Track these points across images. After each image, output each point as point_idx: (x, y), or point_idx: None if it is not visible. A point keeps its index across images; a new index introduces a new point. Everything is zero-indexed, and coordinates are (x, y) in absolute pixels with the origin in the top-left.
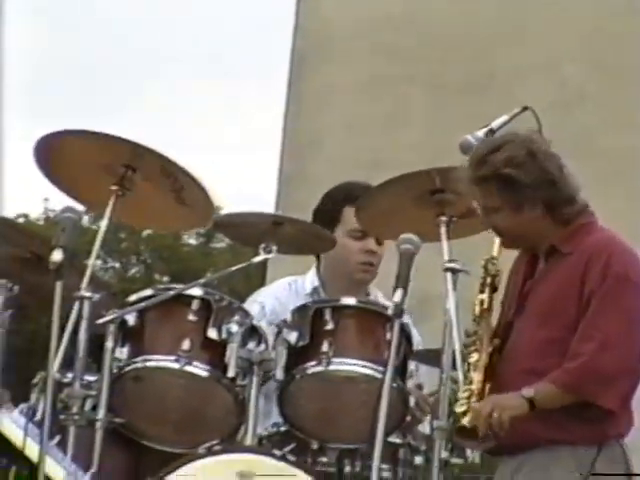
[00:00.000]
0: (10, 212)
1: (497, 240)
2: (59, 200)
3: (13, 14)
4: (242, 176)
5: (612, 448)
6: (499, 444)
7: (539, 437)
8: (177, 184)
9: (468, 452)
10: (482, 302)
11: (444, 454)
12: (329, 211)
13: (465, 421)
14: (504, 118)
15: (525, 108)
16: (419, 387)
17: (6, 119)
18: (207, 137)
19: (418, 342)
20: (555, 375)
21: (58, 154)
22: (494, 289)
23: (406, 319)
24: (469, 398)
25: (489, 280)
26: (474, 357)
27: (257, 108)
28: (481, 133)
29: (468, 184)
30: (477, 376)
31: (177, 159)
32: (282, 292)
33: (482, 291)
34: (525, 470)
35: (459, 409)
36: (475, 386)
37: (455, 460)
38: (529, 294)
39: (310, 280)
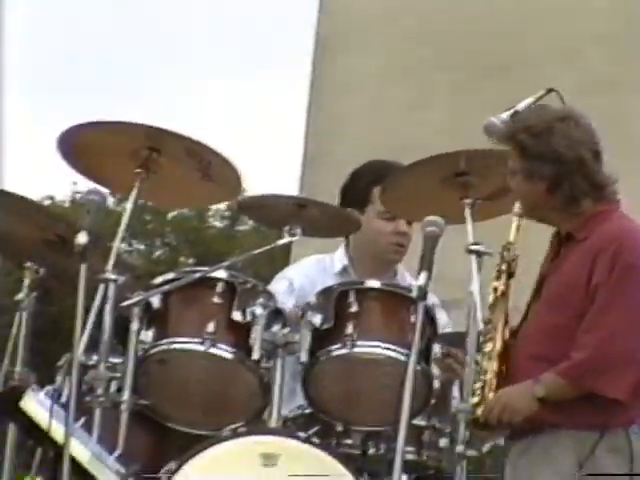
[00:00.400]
0: (37, 194)
1: (514, 225)
2: (87, 183)
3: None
4: (266, 159)
5: (616, 436)
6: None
7: (544, 421)
8: (203, 162)
9: (485, 446)
10: (496, 289)
11: (460, 447)
12: (359, 191)
13: (478, 413)
14: (529, 100)
15: (550, 90)
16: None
17: (27, 104)
18: (230, 120)
19: (445, 324)
20: (562, 367)
21: (81, 144)
22: (510, 275)
23: (434, 299)
24: (483, 389)
25: (504, 267)
26: (489, 346)
27: (281, 90)
28: (506, 115)
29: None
30: (491, 366)
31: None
32: (311, 269)
33: (498, 278)
34: (529, 454)
35: (473, 400)
36: (489, 376)
37: (470, 452)
38: (545, 279)
39: (339, 259)
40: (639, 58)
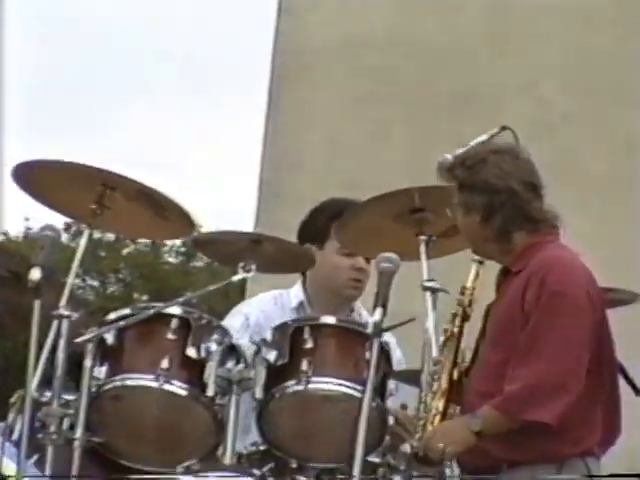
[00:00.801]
0: None
1: (473, 270)
2: (40, 219)
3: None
4: (222, 194)
5: (574, 467)
6: (469, 467)
7: (500, 459)
8: (156, 204)
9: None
10: (446, 331)
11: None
12: (318, 226)
13: (416, 448)
14: (483, 138)
15: (504, 128)
16: (403, 407)
17: None
18: (186, 154)
19: (399, 361)
20: (496, 401)
21: (36, 178)
22: (464, 319)
23: (390, 338)
24: (424, 425)
25: (460, 311)
26: (435, 385)
27: (237, 126)
28: (460, 152)
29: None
30: (436, 404)
31: (152, 183)
32: (267, 305)
33: (452, 321)
34: None
35: (415, 437)
36: (432, 412)
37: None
38: (488, 316)
39: (295, 295)
40: (598, 92)
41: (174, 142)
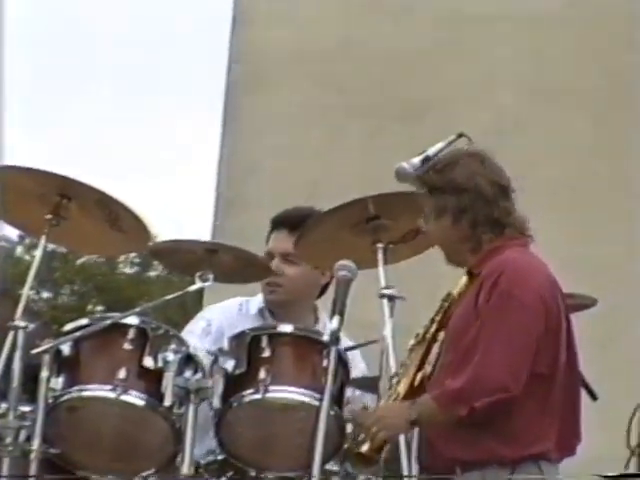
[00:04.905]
0: None
1: (464, 279)
2: None
3: None
4: (179, 204)
5: (528, 471)
6: (427, 469)
7: (451, 459)
8: (112, 214)
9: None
10: (417, 335)
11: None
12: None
13: (363, 449)
14: (440, 145)
15: (460, 135)
16: (365, 409)
17: None
18: (143, 164)
19: (363, 370)
20: (437, 394)
21: None
22: (441, 326)
23: (355, 352)
24: None
25: (439, 317)
26: (394, 388)
27: (193, 136)
28: (417, 160)
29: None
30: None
31: (110, 190)
32: (231, 312)
33: (427, 326)
34: None
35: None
36: None
37: None
38: (449, 319)
39: (257, 301)
40: (551, 98)
41: (130, 154)
